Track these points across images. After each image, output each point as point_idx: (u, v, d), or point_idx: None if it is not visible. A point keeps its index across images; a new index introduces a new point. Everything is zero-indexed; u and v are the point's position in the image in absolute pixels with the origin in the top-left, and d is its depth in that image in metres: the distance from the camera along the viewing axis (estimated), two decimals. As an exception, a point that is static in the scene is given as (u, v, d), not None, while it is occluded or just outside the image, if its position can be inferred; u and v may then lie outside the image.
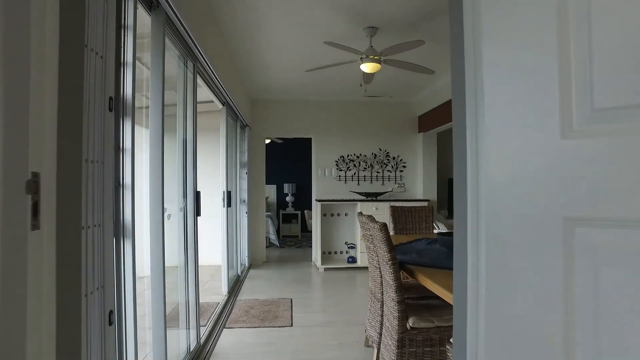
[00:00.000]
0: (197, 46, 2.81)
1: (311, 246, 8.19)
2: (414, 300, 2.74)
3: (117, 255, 1.61)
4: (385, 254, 2.48)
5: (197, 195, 3.08)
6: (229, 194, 4.60)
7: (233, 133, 5.54)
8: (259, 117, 6.80)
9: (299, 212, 10.11)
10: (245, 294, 4.84)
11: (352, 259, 6.26)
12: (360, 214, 3.19)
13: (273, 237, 8.41)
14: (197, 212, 3.17)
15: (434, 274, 2.23)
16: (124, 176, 1.66)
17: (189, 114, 2.98)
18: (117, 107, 1.59)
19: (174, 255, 2.93)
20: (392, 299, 2.44)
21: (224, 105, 4.59)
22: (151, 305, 2.31)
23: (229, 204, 4.59)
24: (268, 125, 6.84)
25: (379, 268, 2.74)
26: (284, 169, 10.50)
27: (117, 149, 1.60)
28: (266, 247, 8.34)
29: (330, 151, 6.80)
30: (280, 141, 9.87)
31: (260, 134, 6.82)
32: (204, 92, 3.87)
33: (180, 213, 2.94)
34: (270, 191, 10.49)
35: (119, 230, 1.64)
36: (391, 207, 4.24)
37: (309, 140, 6.95)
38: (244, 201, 6.14)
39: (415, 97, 6.73)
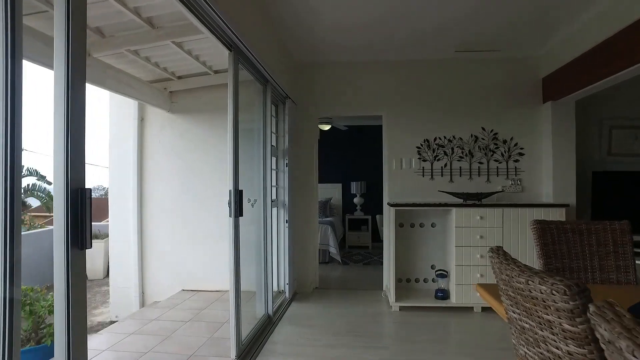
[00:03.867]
0: None
1: (383, 262, 6.19)
2: None
3: None
4: None
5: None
6: (238, 195, 2.81)
7: (255, 100, 3.76)
8: (305, 88, 4.97)
9: (369, 217, 8.12)
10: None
11: (443, 294, 4.15)
12: (495, 251, 1.23)
13: (334, 250, 6.53)
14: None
15: None
16: None
17: None
18: None
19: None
20: None
21: (230, 49, 2.81)
22: None
23: (237, 211, 2.80)
24: (319, 100, 4.98)
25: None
26: (350, 163, 8.58)
27: None
28: (326, 262, 6.49)
29: (409, 133, 4.75)
30: (344, 128, 7.95)
31: (309, 111, 4.97)
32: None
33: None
34: (334, 191, 8.63)
35: None
36: (536, 222, 2.12)
37: (381, 127, 4.97)
38: (285, 205, 4.34)
39: (539, 49, 4.43)
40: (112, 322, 4.96)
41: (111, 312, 5.09)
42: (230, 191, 2.80)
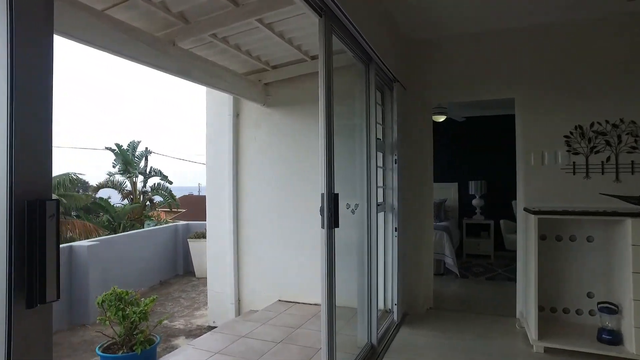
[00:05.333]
0: None
1: (511, 278, 5.10)
2: None
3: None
4: None
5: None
6: (332, 200, 2.18)
7: (355, 84, 3.11)
8: (417, 71, 4.17)
9: (490, 222, 6.95)
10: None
11: (611, 337, 3.02)
12: None
13: (450, 260, 5.60)
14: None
15: None
16: None
17: None
18: None
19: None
20: None
21: (320, 14, 2.20)
22: None
23: (332, 221, 2.17)
24: (434, 84, 4.14)
25: None
26: (468, 159, 7.48)
27: None
28: (440, 274, 5.61)
29: (553, 119, 3.67)
30: (462, 119, 6.91)
31: (422, 97, 4.16)
32: None
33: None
34: (450, 192, 7.61)
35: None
36: None
37: (506, 117, 3.96)
38: (393, 209, 3.63)
39: None
40: (210, 328, 4.76)
41: (209, 316, 4.90)
42: (322, 195, 2.19)
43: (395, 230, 3.63)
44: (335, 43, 2.37)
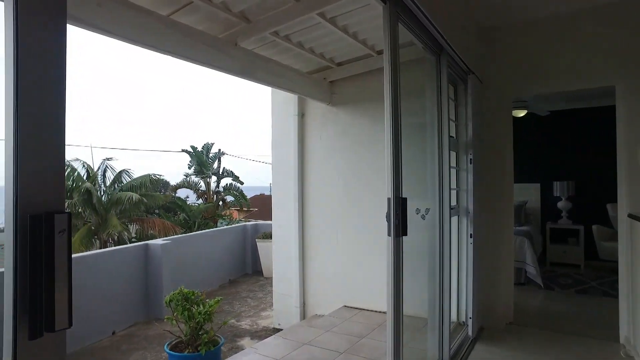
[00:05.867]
0: None
1: (609, 294, 4.51)
2: None
3: None
4: None
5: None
6: (400, 204, 1.97)
7: (425, 77, 2.85)
8: (494, 61, 3.78)
9: (580, 228, 6.23)
10: None
11: None
12: None
13: (532, 269, 5.07)
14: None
15: None
16: None
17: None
18: None
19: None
20: None
21: (385, 0, 2.00)
22: None
23: (399, 229, 1.96)
24: (513, 76, 3.74)
25: None
26: (553, 158, 6.78)
27: None
28: (521, 283, 5.13)
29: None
30: (545, 113, 6.27)
31: (501, 90, 3.77)
32: None
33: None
34: (530, 193, 6.96)
35: None
36: None
37: (599, 109, 3.45)
38: (468, 213, 3.31)
39: None
40: (275, 330, 4.73)
41: (274, 318, 4.88)
42: (389, 200, 1.99)
43: (471, 237, 3.30)
44: (402, 33, 2.16)
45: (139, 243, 5.43)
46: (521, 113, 5.70)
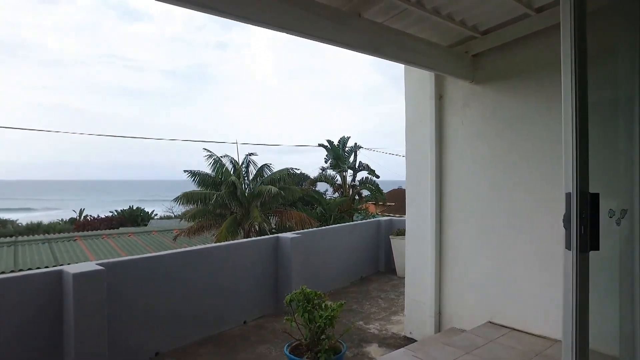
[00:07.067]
0: None
1: None
2: None
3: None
4: None
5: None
6: (587, 203, 1.33)
7: (619, 41, 2.03)
8: None
9: None
10: None
11: None
12: None
13: None
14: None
15: None
16: None
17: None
18: None
19: None
20: None
21: None
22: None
23: (586, 239, 1.31)
24: None
25: None
26: None
27: None
28: None
29: None
30: None
31: None
32: None
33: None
34: None
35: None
36: None
37: None
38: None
39: None
40: (405, 339, 4.25)
41: (406, 325, 4.39)
42: (569, 197, 1.36)
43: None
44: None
45: (271, 236, 5.49)
46: None
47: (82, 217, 29.24)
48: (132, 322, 3.80)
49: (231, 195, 10.64)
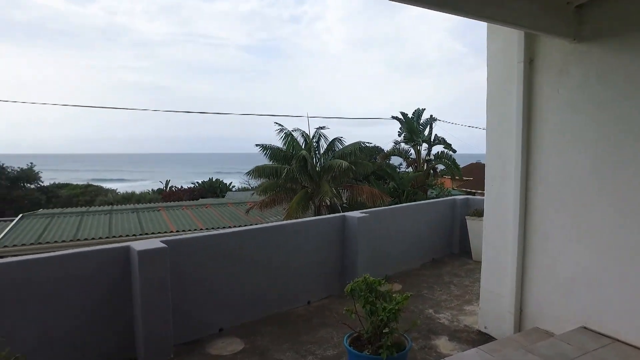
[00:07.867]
0: None
1: None
2: None
3: None
4: None
5: None
6: None
7: None
8: None
9: None
10: None
11: None
12: None
13: None
14: None
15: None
16: None
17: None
18: None
19: None
20: None
21: None
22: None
23: None
24: None
25: None
26: None
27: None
28: None
29: None
30: None
31: None
32: None
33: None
34: None
35: None
36: None
37: None
38: None
39: None
40: (479, 334, 3.85)
41: (480, 317, 3.97)
42: None
43: None
44: None
45: (337, 214, 5.26)
46: None
47: (168, 187, 31.61)
48: (196, 298, 3.84)
49: (302, 170, 10.60)
